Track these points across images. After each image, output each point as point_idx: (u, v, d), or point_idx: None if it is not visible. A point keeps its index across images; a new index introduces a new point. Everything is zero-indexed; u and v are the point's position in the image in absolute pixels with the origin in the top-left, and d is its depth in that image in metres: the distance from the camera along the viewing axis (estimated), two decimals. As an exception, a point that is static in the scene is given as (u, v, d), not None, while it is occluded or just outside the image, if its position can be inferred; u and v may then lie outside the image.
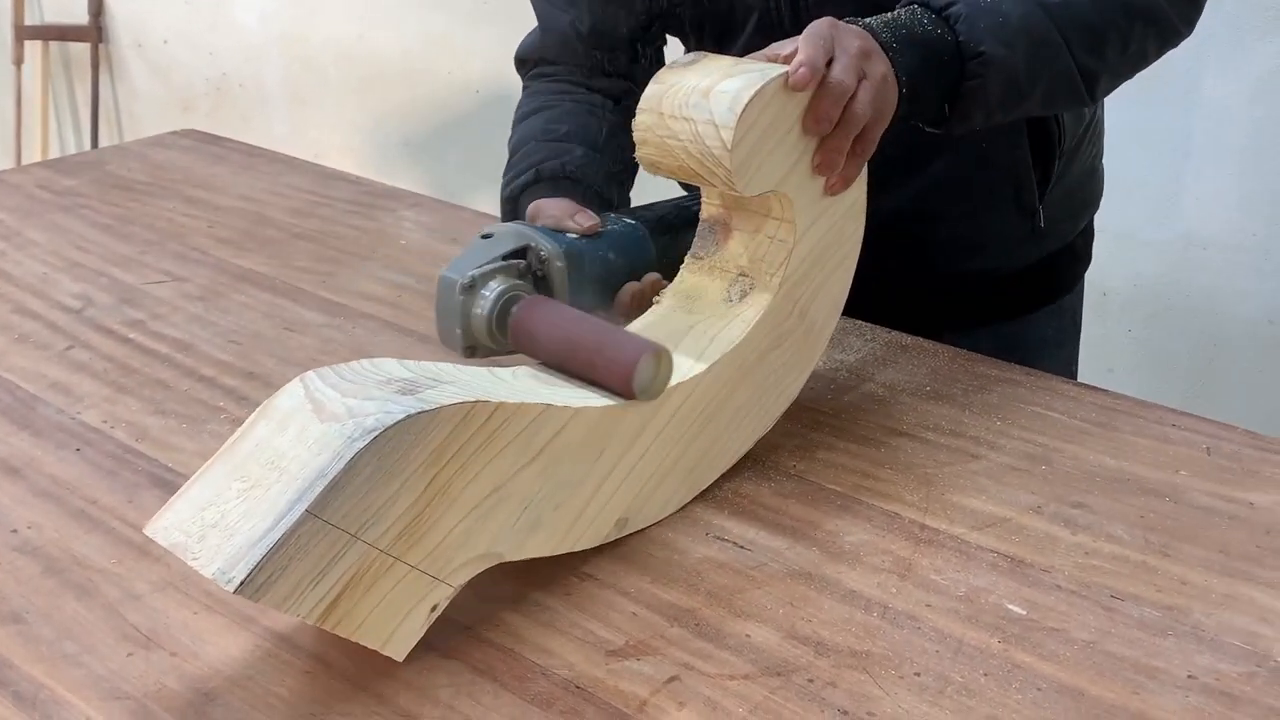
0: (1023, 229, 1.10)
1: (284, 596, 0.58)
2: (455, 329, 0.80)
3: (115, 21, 3.38)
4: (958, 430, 0.89)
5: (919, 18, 0.87)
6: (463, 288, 0.80)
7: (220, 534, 0.59)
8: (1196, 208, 1.87)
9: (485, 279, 0.80)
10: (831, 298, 0.86)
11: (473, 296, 0.80)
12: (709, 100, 0.74)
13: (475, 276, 0.80)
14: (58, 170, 1.50)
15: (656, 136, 0.77)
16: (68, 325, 1.07)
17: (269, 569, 0.57)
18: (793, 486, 0.82)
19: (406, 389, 0.64)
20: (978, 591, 0.72)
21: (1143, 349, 1.98)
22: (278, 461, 0.61)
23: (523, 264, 0.83)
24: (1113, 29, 0.91)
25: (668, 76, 0.77)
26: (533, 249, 0.84)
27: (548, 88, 1.11)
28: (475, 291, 0.80)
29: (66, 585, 0.73)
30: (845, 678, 0.65)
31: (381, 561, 0.61)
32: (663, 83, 0.77)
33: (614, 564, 0.74)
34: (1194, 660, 0.66)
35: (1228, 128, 1.81)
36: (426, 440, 0.62)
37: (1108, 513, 0.79)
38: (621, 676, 0.65)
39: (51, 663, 0.66)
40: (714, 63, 0.78)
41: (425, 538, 0.63)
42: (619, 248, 0.89)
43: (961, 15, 0.86)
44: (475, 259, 0.81)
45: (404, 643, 0.64)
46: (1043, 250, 1.12)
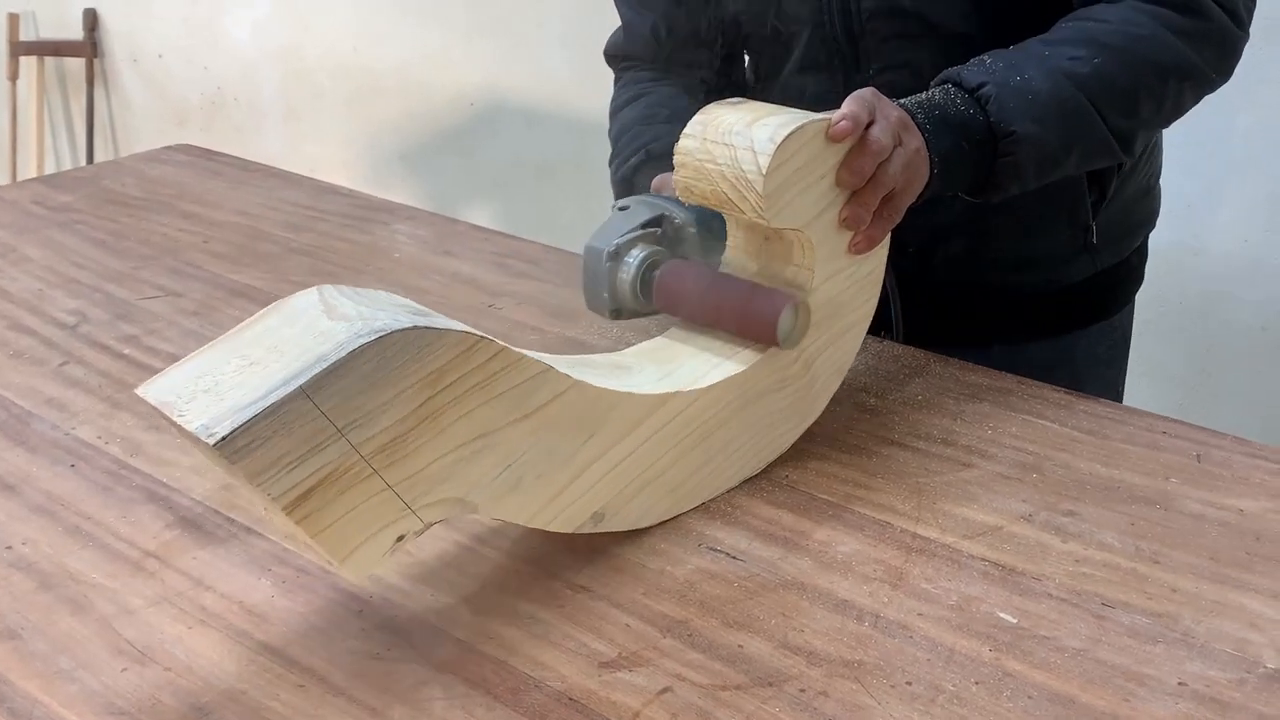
0: (1076, 245, 1.10)
1: (260, 469, 0.58)
2: (603, 293, 0.87)
3: (110, 36, 3.39)
4: (949, 439, 0.89)
5: (952, 98, 0.91)
6: (608, 255, 0.87)
7: (211, 398, 0.60)
8: (1190, 214, 1.87)
9: (628, 247, 0.87)
10: (836, 359, 0.88)
11: (618, 263, 0.87)
12: (751, 129, 0.77)
13: (619, 245, 0.87)
14: (53, 186, 1.50)
15: (696, 160, 0.79)
16: (62, 341, 1.07)
17: (252, 434, 0.58)
18: (785, 496, 0.83)
19: (419, 314, 0.65)
20: (969, 600, 0.72)
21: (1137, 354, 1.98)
22: (280, 346, 0.62)
23: (659, 232, 0.89)
24: (1144, 90, 0.94)
25: (715, 110, 0.81)
26: (667, 218, 0.89)
27: (640, 77, 1.16)
28: (620, 259, 0.87)
29: (61, 601, 0.73)
30: (837, 687, 0.65)
31: (360, 469, 0.62)
32: (709, 114, 0.81)
33: (607, 575, 0.75)
34: (1184, 667, 0.66)
35: (1222, 134, 1.82)
36: (428, 358, 0.63)
37: (1098, 520, 0.79)
38: (614, 688, 0.65)
39: (46, 679, 0.67)
40: (761, 105, 0.82)
41: (407, 460, 0.63)
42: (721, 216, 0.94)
43: (992, 96, 0.90)
44: (617, 229, 0.88)
45: (363, 565, 0.64)
46: (1096, 266, 1.12)
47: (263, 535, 0.79)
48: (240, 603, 0.73)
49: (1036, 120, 0.90)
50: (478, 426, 0.66)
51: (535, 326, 1.08)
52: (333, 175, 1.58)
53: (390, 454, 0.63)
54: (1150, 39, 0.93)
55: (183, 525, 0.80)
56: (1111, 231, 1.11)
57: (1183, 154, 1.85)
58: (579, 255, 0.89)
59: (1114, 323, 1.17)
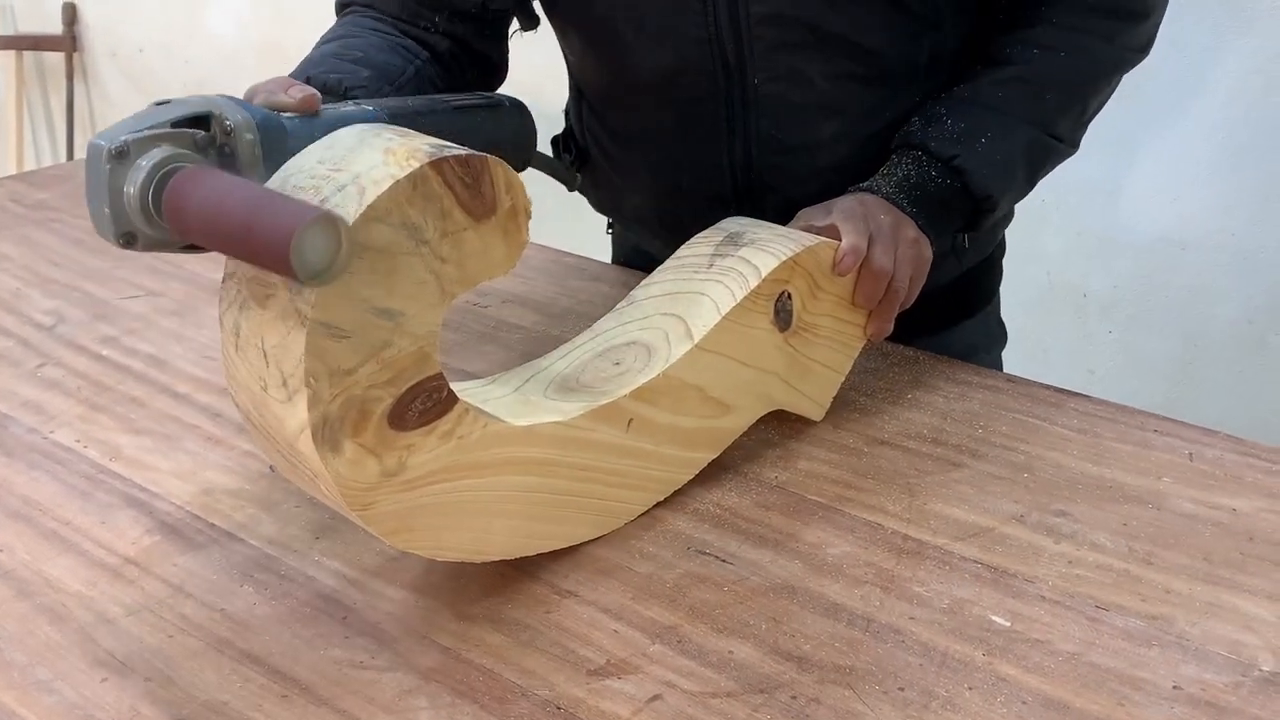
0: (944, 250, 1.10)
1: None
2: (104, 209, 0.63)
3: (90, 30, 3.36)
4: (939, 438, 0.88)
5: (926, 171, 0.93)
6: (110, 155, 0.62)
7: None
8: (1175, 209, 1.87)
9: (143, 146, 0.63)
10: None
11: (124, 167, 0.62)
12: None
13: (129, 142, 0.62)
14: (30, 183, 1.48)
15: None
16: (40, 342, 1.05)
17: None
18: (774, 498, 0.82)
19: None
20: (961, 603, 0.71)
21: (1123, 350, 1.98)
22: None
23: (202, 135, 0.66)
24: (1093, 96, 0.98)
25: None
26: (216, 117, 0.67)
27: (356, 21, 1.00)
28: (128, 161, 0.62)
29: (39, 609, 0.72)
30: (829, 694, 0.64)
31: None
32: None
33: (595, 580, 0.74)
34: (1179, 671, 0.66)
35: (1205, 129, 1.81)
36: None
37: (1090, 521, 0.79)
38: (603, 696, 0.64)
39: (23, 690, 0.65)
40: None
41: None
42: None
43: (969, 169, 0.93)
44: (138, 123, 0.64)
45: None
46: (963, 266, 1.14)
47: (244, 541, 0.78)
48: (221, 610, 0.71)
49: (1009, 177, 0.95)
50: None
51: (518, 325, 1.07)
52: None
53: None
54: (1088, 56, 0.97)
55: (163, 531, 0.79)
56: (977, 235, 1.13)
57: (1166, 148, 1.85)
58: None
59: (986, 313, 1.21)
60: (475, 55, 1.03)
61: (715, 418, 0.82)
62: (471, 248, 0.64)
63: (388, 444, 0.65)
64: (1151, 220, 1.90)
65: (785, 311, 0.84)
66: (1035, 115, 0.95)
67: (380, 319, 0.62)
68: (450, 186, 0.62)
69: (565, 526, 0.76)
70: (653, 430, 0.78)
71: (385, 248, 0.61)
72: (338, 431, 0.62)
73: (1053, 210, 1.94)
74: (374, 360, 0.62)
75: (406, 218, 0.61)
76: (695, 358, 0.79)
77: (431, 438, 0.66)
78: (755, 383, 0.84)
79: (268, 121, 0.69)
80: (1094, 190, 1.91)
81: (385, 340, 0.62)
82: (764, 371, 0.84)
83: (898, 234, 0.90)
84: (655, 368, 0.78)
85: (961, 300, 1.17)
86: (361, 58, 0.93)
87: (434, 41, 1.00)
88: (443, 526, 0.69)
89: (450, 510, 0.69)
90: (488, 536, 0.72)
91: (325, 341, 0.60)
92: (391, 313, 0.62)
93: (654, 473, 0.80)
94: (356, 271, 0.60)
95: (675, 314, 0.82)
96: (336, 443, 0.62)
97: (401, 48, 0.98)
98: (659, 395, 0.78)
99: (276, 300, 0.60)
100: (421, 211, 0.61)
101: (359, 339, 0.61)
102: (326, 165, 0.62)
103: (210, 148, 0.67)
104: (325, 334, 0.60)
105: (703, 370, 0.80)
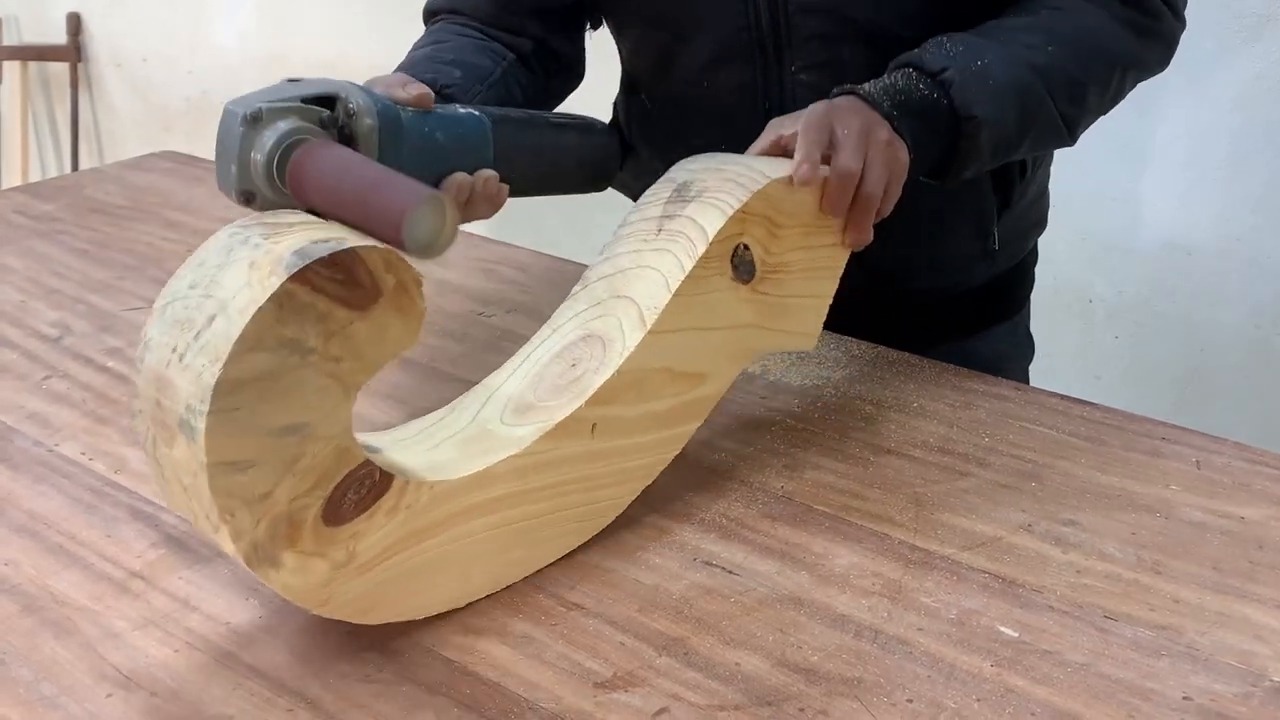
0: (977, 251, 1.11)
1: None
2: (231, 167, 0.67)
3: (94, 41, 3.36)
4: (946, 447, 0.88)
5: (914, 83, 0.91)
6: (245, 119, 0.67)
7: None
8: (1181, 214, 1.87)
9: (275, 115, 0.68)
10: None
11: (255, 132, 0.67)
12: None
13: (264, 109, 0.67)
14: (35, 195, 1.48)
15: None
16: (45, 354, 1.05)
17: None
18: (780, 508, 0.81)
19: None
20: (969, 614, 0.71)
21: (1130, 356, 1.98)
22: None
23: (327, 114, 0.71)
24: (1094, 80, 0.96)
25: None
26: (341, 100, 0.73)
27: (446, 28, 1.06)
28: (260, 127, 0.67)
29: (44, 624, 0.71)
30: (837, 706, 0.64)
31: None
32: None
33: (601, 592, 0.73)
34: (1189, 681, 0.65)
35: (1211, 134, 1.81)
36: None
37: (1099, 530, 0.78)
38: (610, 709, 0.64)
39: (29, 705, 0.65)
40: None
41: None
42: (450, 131, 0.81)
43: (955, 82, 0.90)
44: (269, 94, 0.69)
45: None
46: (996, 269, 1.13)
47: (250, 554, 0.78)
48: (227, 624, 0.71)
49: (996, 105, 0.91)
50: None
51: (523, 334, 1.07)
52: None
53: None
54: (1102, 31, 0.95)
55: (168, 544, 0.79)
56: (1010, 236, 1.13)
57: (1172, 153, 1.85)
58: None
59: (1016, 321, 1.19)
60: (554, 54, 1.08)
61: (691, 390, 0.79)
62: (364, 337, 0.62)
63: (330, 541, 0.64)
64: (1158, 226, 1.89)
65: (745, 264, 0.79)
66: (1035, 60, 0.92)
67: (284, 437, 0.60)
68: (321, 290, 0.59)
69: (549, 544, 0.75)
70: (622, 426, 0.76)
71: (269, 372, 0.59)
72: (272, 550, 0.62)
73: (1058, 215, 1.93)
74: (289, 476, 0.61)
75: (282, 337, 0.59)
76: (652, 343, 0.76)
77: (376, 518, 0.65)
78: (728, 342, 0.80)
79: (387, 110, 0.75)
80: (1100, 195, 1.91)
81: (295, 455, 0.61)
82: (735, 329, 0.81)
83: (870, 136, 0.85)
84: (611, 364, 0.75)
85: (992, 304, 1.16)
86: (454, 59, 0.99)
87: (518, 44, 1.05)
88: (414, 591, 0.69)
89: (419, 573, 0.68)
90: (467, 583, 0.71)
91: (230, 478, 0.59)
92: (295, 428, 0.60)
93: (633, 464, 0.78)
94: (242, 405, 0.58)
95: (627, 295, 0.78)
96: (274, 559, 0.62)
97: (489, 50, 1.03)
98: (620, 392, 0.75)
99: (178, 443, 0.60)
100: (297, 325, 0.59)
101: (266, 464, 0.60)
102: (198, 291, 0.61)
103: (333, 126, 0.72)
104: (228, 472, 0.59)
105: (664, 351, 0.76)
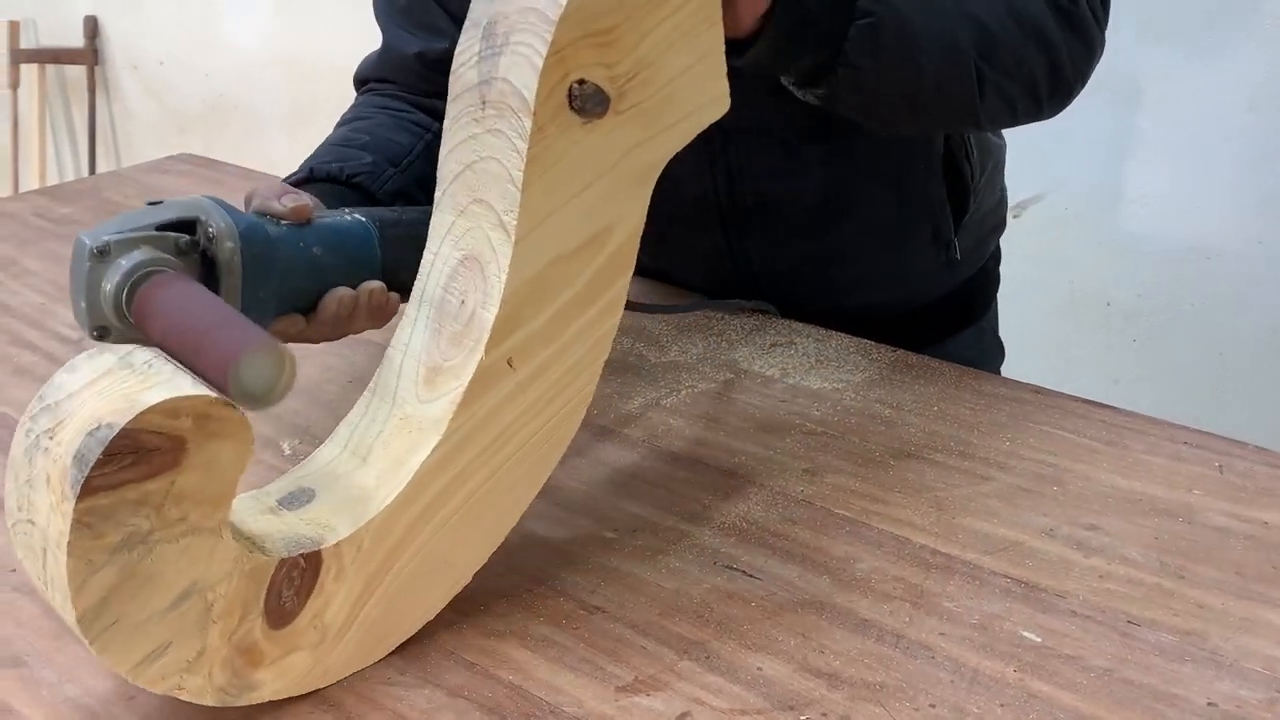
0: (939, 260, 1.11)
1: None
2: (81, 302, 0.66)
3: (111, 44, 3.38)
4: (966, 451, 0.88)
5: None
6: (93, 253, 0.64)
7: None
8: (1200, 217, 1.86)
9: (125, 247, 0.65)
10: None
11: (104, 265, 0.65)
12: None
13: (111, 242, 0.65)
14: (54, 198, 1.49)
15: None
16: (66, 357, 1.06)
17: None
18: (801, 512, 0.81)
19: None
20: (992, 619, 0.70)
21: (1148, 360, 1.97)
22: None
23: (185, 239, 0.68)
24: (1006, 36, 0.88)
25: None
26: (202, 224, 0.69)
27: (370, 101, 1.03)
28: (108, 260, 0.65)
29: (66, 627, 0.72)
30: (860, 711, 0.64)
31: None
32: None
33: (622, 596, 0.73)
34: (1214, 687, 0.65)
35: (1229, 135, 1.80)
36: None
37: (1121, 534, 0.78)
38: (632, 713, 0.64)
39: (53, 707, 0.65)
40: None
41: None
42: (331, 243, 0.76)
43: None
44: (124, 223, 0.67)
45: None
46: (959, 277, 1.14)
47: (271, 556, 0.78)
48: (249, 627, 0.71)
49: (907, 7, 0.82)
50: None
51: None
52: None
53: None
54: (1033, 5, 0.89)
55: (190, 546, 0.79)
56: (970, 242, 1.13)
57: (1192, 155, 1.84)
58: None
59: (982, 325, 1.19)
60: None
61: (601, 251, 0.70)
62: (195, 483, 0.58)
63: (294, 635, 0.63)
64: (1176, 228, 1.89)
65: (590, 97, 0.66)
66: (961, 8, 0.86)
67: (179, 607, 0.59)
68: (120, 484, 0.55)
69: (526, 482, 0.71)
70: (540, 338, 0.68)
71: (120, 577, 0.57)
72: (243, 681, 0.62)
73: (1075, 218, 1.93)
74: (210, 627, 0.60)
75: (110, 545, 0.56)
76: (525, 250, 0.66)
77: (326, 589, 0.64)
78: (617, 181, 0.69)
79: (252, 230, 0.71)
80: (1117, 198, 1.90)
81: (202, 610, 0.60)
82: (616, 164, 0.69)
83: None
84: (494, 292, 0.66)
85: (955, 313, 1.16)
86: (368, 141, 0.94)
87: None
88: (407, 610, 0.68)
89: (403, 594, 0.68)
90: (457, 565, 0.70)
91: (155, 666, 0.59)
92: (183, 595, 0.59)
93: (575, 357, 0.70)
94: (118, 616, 0.57)
95: (482, 198, 0.68)
96: (251, 685, 0.63)
97: (412, 124, 0.98)
98: (518, 311, 0.67)
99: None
100: (116, 527, 0.56)
101: (179, 636, 0.59)
102: (24, 515, 0.58)
103: (193, 251, 0.69)
104: (149, 664, 0.59)
105: (543, 247, 0.67)
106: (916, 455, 0.87)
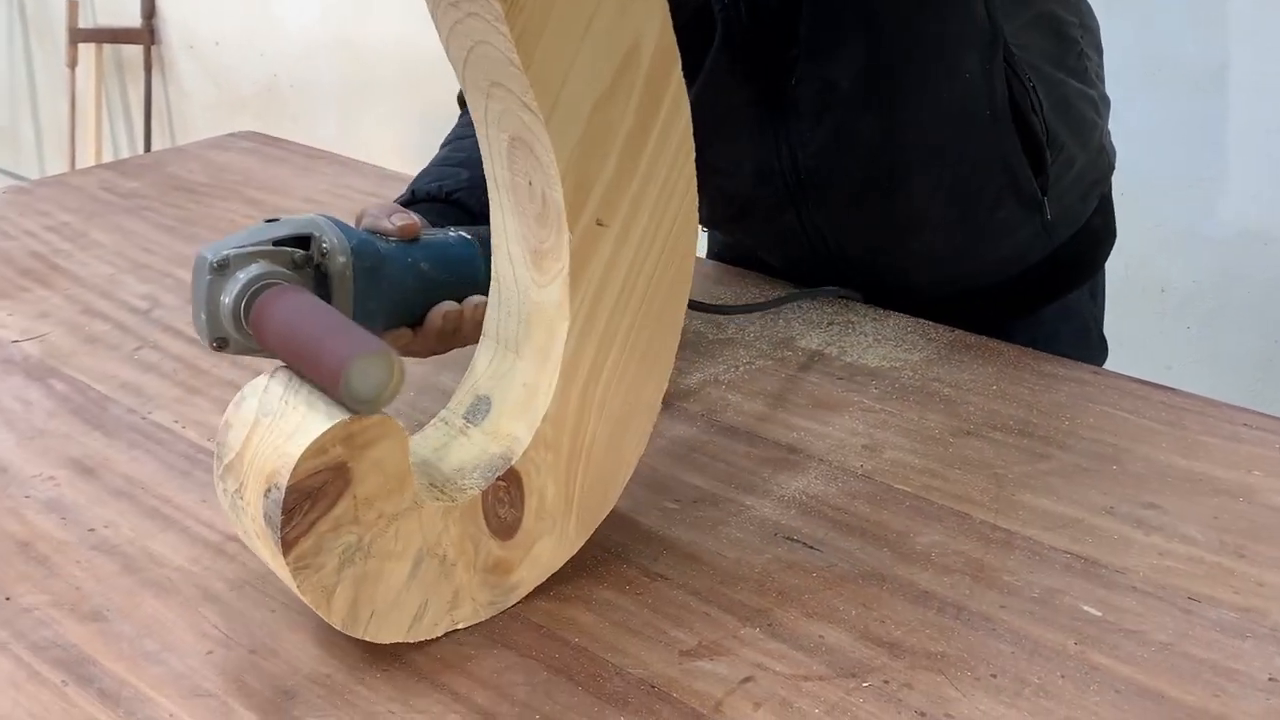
0: (1022, 217, 1.06)
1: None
2: (201, 314, 0.69)
3: (167, 24, 3.42)
4: (1025, 429, 0.88)
5: None
6: (213, 268, 0.68)
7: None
8: (1255, 203, 1.84)
9: (242, 261, 0.68)
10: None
11: (223, 279, 0.68)
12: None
13: (230, 256, 0.68)
14: (119, 172, 1.51)
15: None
16: (136, 326, 1.08)
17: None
18: (861, 486, 0.82)
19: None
20: (1052, 593, 0.71)
21: (1202, 346, 1.96)
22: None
23: (300, 254, 0.72)
24: None
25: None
26: (315, 239, 0.73)
27: (468, 120, 1.02)
28: (227, 274, 0.68)
29: (145, 584, 0.74)
30: (921, 679, 0.65)
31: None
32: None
33: (683, 564, 0.75)
34: (1274, 663, 0.65)
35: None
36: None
37: (1181, 513, 0.78)
38: (696, 676, 0.65)
39: (133, 660, 0.67)
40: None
41: None
42: (437, 259, 0.80)
43: None
44: (243, 239, 0.70)
45: None
46: (1056, 240, 1.09)
47: (340, 520, 0.79)
48: (321, 587, 0.73)
49: None
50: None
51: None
52: (389, 162, 1.58)
53: None
54: None
55: (261, 510, 0.81)
56: (1065, 199, 1.08)
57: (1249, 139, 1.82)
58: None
59: (1095, 285, 1.17)
60: None
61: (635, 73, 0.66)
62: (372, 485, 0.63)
63: (527, 536, 0.70)
64: (1233, 214, 1.87)
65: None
66: None
67: (418, 572, 0.67)
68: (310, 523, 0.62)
69: (672, 304, 0.72)
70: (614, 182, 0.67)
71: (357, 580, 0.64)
72: (500, 588, 0.70)
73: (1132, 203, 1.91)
74: (452, 574, 0.68)
75: (334, 568, 0.64)
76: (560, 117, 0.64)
77: (535, 489, 0.70)
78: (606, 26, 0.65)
79: (363, 245, 0.75)
80: (1174, 183, 1.89)
81: (438, 566, 0.67)
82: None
83: None
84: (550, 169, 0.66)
85: (1061, 275, 1.12)
86: (465, 158, 0.99)
87: None
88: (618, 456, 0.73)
89: (606, 449, 0.72)
90: (642, 402, 0.73)
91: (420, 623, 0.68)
92: (418, 561, 0.66)
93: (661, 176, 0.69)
94: (375, 609, 0.65)
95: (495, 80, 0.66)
96: (509, 586, 0.71)
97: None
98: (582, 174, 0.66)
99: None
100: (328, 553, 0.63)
101: (431, 593, 0.67)
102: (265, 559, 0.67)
103: (307, 266, 0.72)
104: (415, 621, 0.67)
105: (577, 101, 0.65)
106: (975, 433, 0.88)
